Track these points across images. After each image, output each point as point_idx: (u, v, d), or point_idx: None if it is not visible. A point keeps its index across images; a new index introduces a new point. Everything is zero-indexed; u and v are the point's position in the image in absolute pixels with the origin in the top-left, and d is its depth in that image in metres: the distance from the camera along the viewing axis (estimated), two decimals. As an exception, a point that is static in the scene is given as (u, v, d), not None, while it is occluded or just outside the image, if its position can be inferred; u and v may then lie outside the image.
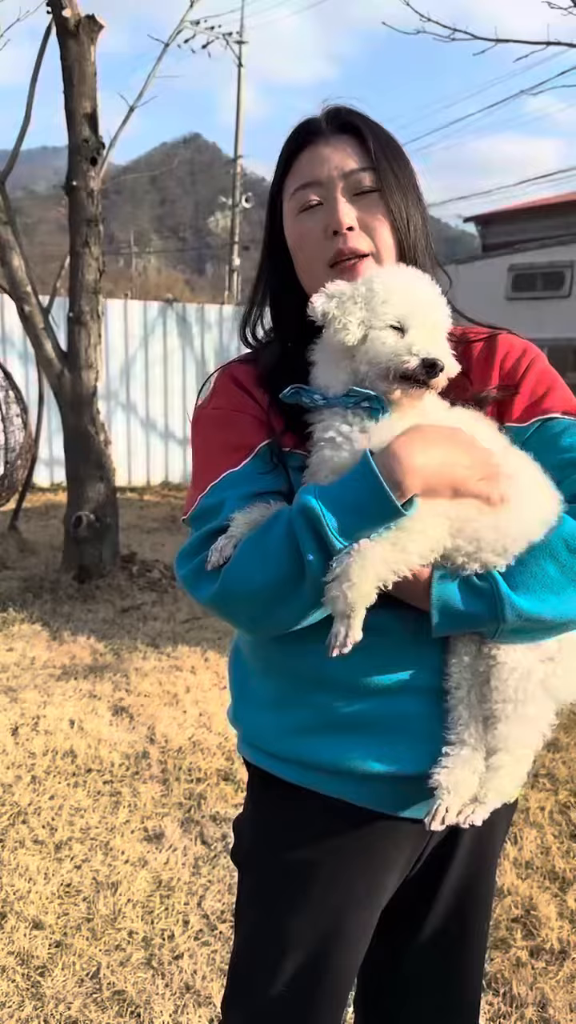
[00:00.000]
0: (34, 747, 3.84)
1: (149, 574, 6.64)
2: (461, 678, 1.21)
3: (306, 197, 1.27)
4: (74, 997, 2.37)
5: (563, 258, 5.77)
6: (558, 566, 1.14)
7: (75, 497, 6.46)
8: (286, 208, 1.31)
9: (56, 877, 2.90)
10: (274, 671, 1.32)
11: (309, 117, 1.32)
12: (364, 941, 1.36)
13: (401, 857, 1.33)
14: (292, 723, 1.28)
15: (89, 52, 5.91)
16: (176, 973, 2.46)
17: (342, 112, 1.30)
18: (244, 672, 1.40)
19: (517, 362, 1.31)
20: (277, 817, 1.35)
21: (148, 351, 11.40)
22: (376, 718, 1.24)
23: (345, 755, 1.24)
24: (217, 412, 1.32)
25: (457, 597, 1.14)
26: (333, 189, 1.26)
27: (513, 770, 1.21)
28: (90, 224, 6.13)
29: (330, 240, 1.25)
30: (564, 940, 2.62)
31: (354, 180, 1.26)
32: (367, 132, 1.28)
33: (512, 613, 1.13)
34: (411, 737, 1.23)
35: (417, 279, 1.22)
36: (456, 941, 1.41)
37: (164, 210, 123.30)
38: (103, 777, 3.59)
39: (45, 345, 6.28)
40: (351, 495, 1.10)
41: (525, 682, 1.18)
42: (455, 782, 1.18)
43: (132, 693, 4.48)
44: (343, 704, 1.24)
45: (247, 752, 1.40)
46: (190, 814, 3.31)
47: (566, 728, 4.09)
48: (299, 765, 1.29)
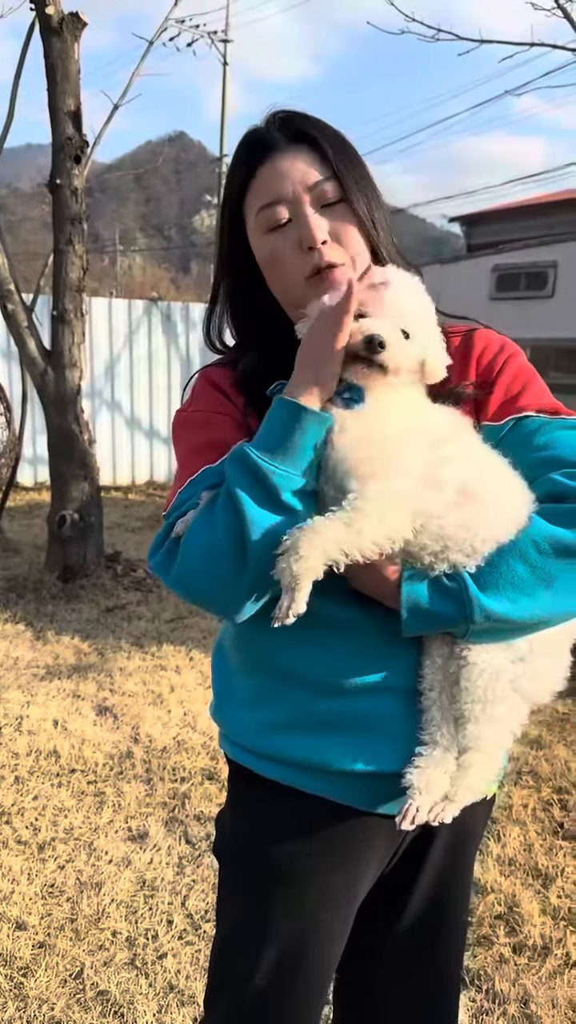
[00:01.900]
0: (17, 747, 3.82)
1: (134, 573, 6.62)
2: (434, 679, 1.22)
3: (274, 216, 1.26)
4: (57, 998, 2.36)
5: (546, 258, 5.79)
6: (528, 566, 1.13)
7: (59, 496, 6.43)
8: (251, 225, 1.30)
9: (39, 877, 2.89)
10: (255, 668, 1.33)
11: (258, 127, 1.30)
12: (342, 935, 1.37)
13: (377, 852, 1.34)
14: (270, 720, 1.30)
15: (73, 49, 5.88)
16: (160, 973, 2.46)
17: (294, 121, 1.28)
18: (226, 669, 1.41)
19: (494, 359, 1.30)
20: (255, 813, 1.36)
21: (133, 350, 11.36)
22: (352, 717, 1.25)
23: (321, 753, 1.26)
24: (196, 414, 1.33)
25: (426, 597, 1.15)
26: (300, 204, 1.25)
27: (484, 767, 1.22)
28: (74, 222, 6.10)
29: (305, 255, 1.25)
30: (547, 936, 2.64)
31: (319, 192, 1.25)
32: (323, 140, 1.26)
33: (481, 614, 1.13)
34: (387, 736, 1.24)
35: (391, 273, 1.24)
36: (434, 935, 1.42)
37: (149, 208, 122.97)
38: (87, 777, 3.58)
39: (28, 343, 6.25)
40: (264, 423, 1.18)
41: (494, 683, 1.18)
42: (426, 782, 1.19)
43: (116, 693, 4.46)
44: (320, 702, 1.25)
45: (227, 748, 1.41)
46: (174, 814, 3.30)
47: (548, 726, 4.12)
48: (277, 762, 1.30)
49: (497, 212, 16.76)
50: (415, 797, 1.18)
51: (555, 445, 1.22)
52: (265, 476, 1.13)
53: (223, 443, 1.24)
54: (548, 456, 1.21)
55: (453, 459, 1.18)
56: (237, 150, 1.31)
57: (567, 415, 1.27)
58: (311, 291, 1.25)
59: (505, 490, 1.19)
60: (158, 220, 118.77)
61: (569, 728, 4.12)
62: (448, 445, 1.19)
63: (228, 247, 1.35)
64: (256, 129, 1.30)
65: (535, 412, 1.26)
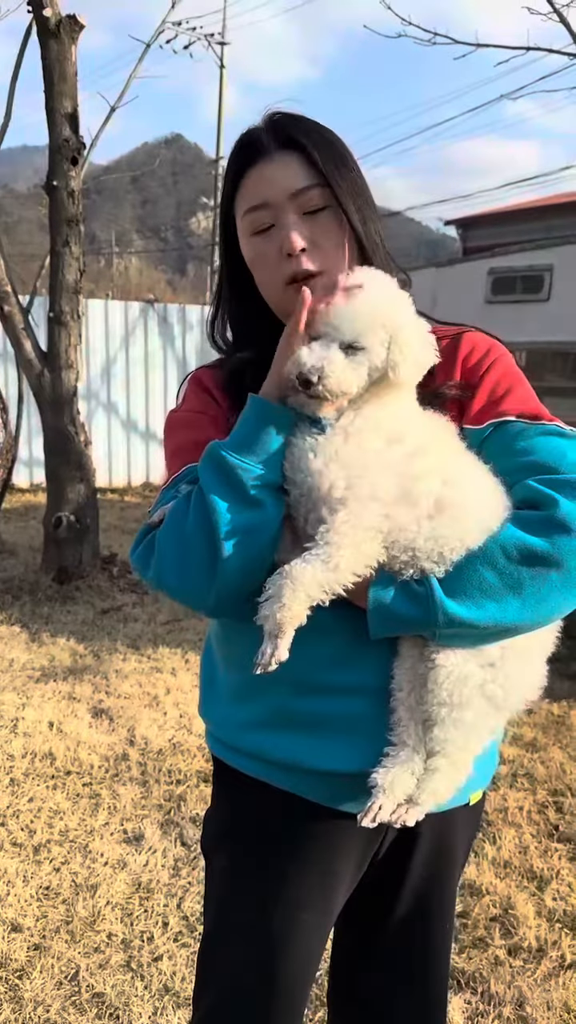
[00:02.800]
0: (13, 749, 3.81)
1: (129, 575, 6.61)
2: (402, 679, 1.22)
3: (258, 220, 1.28)
4: (53, 1000, 2.36)
5: (542, 262, 5.80)
6: (496, 573, 1.13)
7: (55, 498, 6.43)
8: (239, 227, 1.32)
9: (35, 880, 2.89)
10: (236, 665, 1.34)
11: (252, 129, 1.30)
12: (323, 931, 1.38)
13: (354, 853, 1.35)
14: (250, 717, 1.32)
15: (70, 52, 5.89)
16: (155, 975, 2.46)
17: (284, 126, 1.28)
18: (213, 666, 1.44)
19: (480, 361, 1.30)
20: (236, 809, 1.39)
21: (129, 351, 11.36)
22: (328, 716, 1.26)
23: (298, 751, 1.28)
24: (182, 415, 1.36)
25: (392, 601, 1.16)
26: (283, 211, 1.26)
27: (449, 774, 1.21)
28: (71, 224, 6.10)
29: (285, 261, 1.26)
30: (542, 939, 2.64)
31: (303, 199, 1.25)
32: (311, 147, 1.25)
33: (445, 618, 1.13)
34: (361, 736, 1.25)
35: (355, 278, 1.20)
36: (420, 939, 1.42)
37: (145, 210, 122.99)
38: (82, 779, 3.58)
39: (25, 345, 6.25)
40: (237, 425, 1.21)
41: (461, 686, 1.18)
42: (391, 781, 1.19)
43: (112, 695, 4.46)
44: (296, 701, 1.27)
45: (212, 744, 1.44)
46: (170, 816, 3.30)
47: (544, 728, 4.12)
48: (256, 759, 1.33)
49: (493, 215, 16.78)
50: (379, 796, 1.19)
51: (534, 451, 1.21)
52: (231, 470, 1.16)
53: (206, 443, 1.25)
54: (527, 462, 1.21)
55: (430, 472, 1.17)
56: (231, 150, 1.32)
57: (548, 421, 1.26)
58: (290, 297, 1.26)
59: (479, 498, 1.18)
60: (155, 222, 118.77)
61: (564, 730, 4.13)
62: (427, 456, 1.18)
63: (223, 246, 1.37)
64: (250, 131, 1.30)
65: (516, 417, 1.25)
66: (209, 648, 1.46)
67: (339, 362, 1.15)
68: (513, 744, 3.92)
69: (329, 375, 1.14)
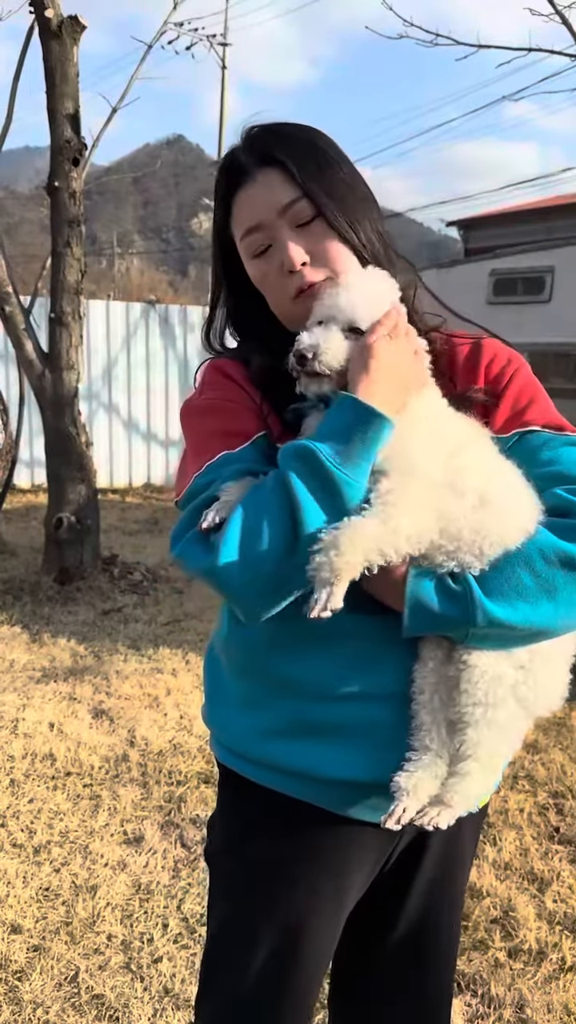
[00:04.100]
0: (13, 750, 3.81)
1: (130, 576, 6.61)
2: (424, 683, 1.21)
3: (255, 243, 1.28)
4: (52, 1001, 2.36)
5: (544, 263, 5.80)
6: (532, 575, 1.14)
7: (56, 499, 6.43)
8: (240, 250, 1.32)
9: (35, 881, 2.89)
10: (247, 672, 1.33)
11: (232, 150, 1.31)
12: (331, 940, 1.37)
13: (368, 859, 1.34)
14: (262, 725, 1.30)
15: (71, 52, 5.89)
16: (155, 976, 2.46)
17: (261, 142, 1.27)
18: (218, 672, 1.41)
19: (502, 370, 1.31)
20: (245, 817, 1.37)
21: (130, 352, 11.36)
22: (345, 724, 1.24)
23: (313, 760, 1.25)
24: (211, 401, 1.31)
25: (431, 597, 1.15)
26: (275, 229, 1.25)
27: (480, 777, 1.21)
28: (72, 225, 6.10)
29: (288, 277, 1.26)
30: (542, 941, 2.63)
31: (292, 213, 1.25)
32: (288, 161, 1.24)
33: (483, 618, 1.13)
34: (379, 743, 1.23)
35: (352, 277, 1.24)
36: (426, 943, 1.42)
37: (147, 211, 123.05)
38: (83, 780, 3.57)
39: (26, 346, 6.25)
40: (334, 421, 1.14)
41: (496, 686, 1.18)
42: (414, 784, 1.19)
43: (112, 696, 4.46)
44: (311, 708, 1.25)
45: (218, 752, 1.41)
46: (170, 817, 3.30)
47: (544, 730, 4.12)
48: (267, 767, 1.30)
49: (494, 217, 16.78)
50: (403, 798, 1.19)
51: (559, 461, 1.23)
52: (337, 485, 1.11)
53: (241, 431, 1.24)
54: (553, 472, 1.22)
55: (473, 467, 1.19)
56: (217, 174, 1.33)
57: (571, 432, 1.28)
58: (299, 309, 1.26)
59: (518, 499, 1.20)
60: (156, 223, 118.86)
61: (565, 732, 4.12)
62: (467, 454, 1.20)
63: (220, 265, 1.37)
64: (230, 152, 1.31)
65: (541, 427, 1.27)
66: (213, 656, 1.44)
67: (336, 339, 1.18)
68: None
69: (325, 351, 1.17)
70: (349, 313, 1.20)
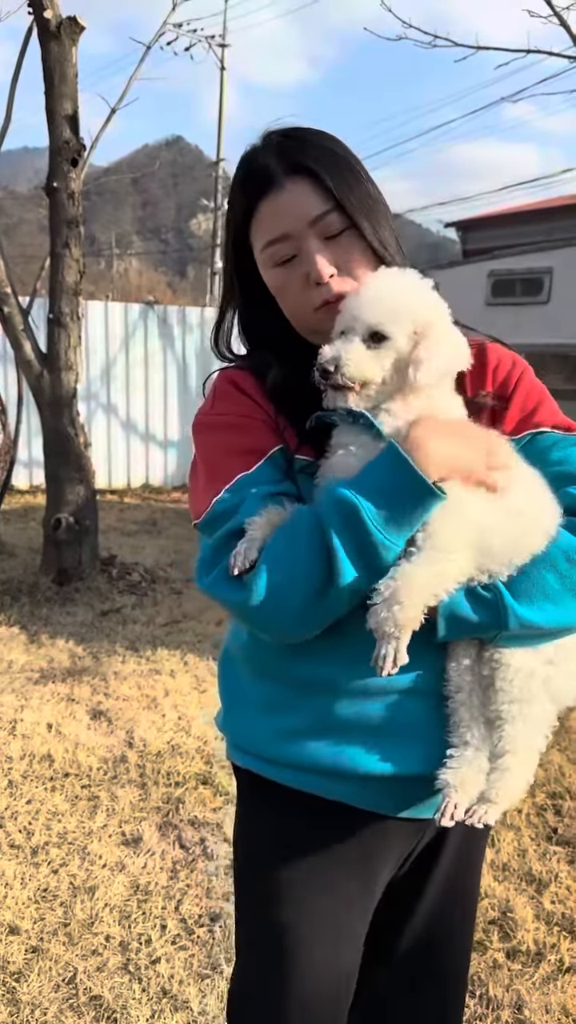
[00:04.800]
0: (11, 751, 3.81)
1: (129, 577, 6.61)
2: (461, 681, 1.23)
3: (279, 252, 1.26)
4: (50, 1003, 2.36)
5: (542, 264, 5.81)
6: (558, 576, 1.17)
7: (54, 499, 6.42)
8: (259, 257, 1.30)
9: (33, 882, 2.88)
10: (269, 675, 1.31)
11: (255, 154, 1.28)
12: (360, 941, 1.38)
13: (392, 856, 1.35)
14: (288, 726, 1.28)
15: (70, 53, 5.89)
16: (153, 978, 2.45)
17: (290, 151, 1.25)
18: (236, 677, 1.39)
19: (508, 374, 1.32)
20: (271, 821, 1.35)
21: (129, 353, 11.36)
22: (374, 720, 1.25)
23: (344, 756, 1.25)
24: (224, 417, 1.29)
25: (463, 606, 1.17)
26: (304, 240, 1.24)
27: (520, 772, 1.23)
28: (71, 225, 6.10)
29: (314, 289, 1.25)
30: (540, 942, 2.64)
31: (322, 225, 1.24)
32: (321, 172, 1.23)
33: (515, 622, 1.16)
34: (409, 738, 1.25)
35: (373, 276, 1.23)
36: (443, 938, 1.42)
37: (146, 212, 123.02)
38: (81, 781, 3.57)
39: (24, 346, 6.25)
40: (385, 480, 1.11)
41: (529, 682, 1.21)
42: (461, 780, 1.20)
43: (111, 697, 4.46)
44: (341, 706, 1.25)
45: (238, 757, 1.39)
46: (168, 818, 3.29)
47: (543, 731, 4.12)
48: (295, 768, 1.29)
49: (493, 218, 16.78)
50: (452, 794, 1.20)
51: (570, 461, 1.26)
52: (376, 548, 1.10)
53: (257, 449, 1.24)
54: (564, 471, 1.25)
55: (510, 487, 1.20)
56: (237, 176, 1.30)
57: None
58: (322, 320, 1.25)
59: (542, 504, 1.22)
60: (155, 224, 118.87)
61: (563, 734, 4.12)
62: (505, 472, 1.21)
63: (234, 270, 1.35)
64: (254, 156, 1.28)
65: (551, 428, 1.29)
66: (229, 659, 1.42)
67: (357, 350, 1.17)
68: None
69: (347, 362, 1.16)
70: (368, 319, 1.18)
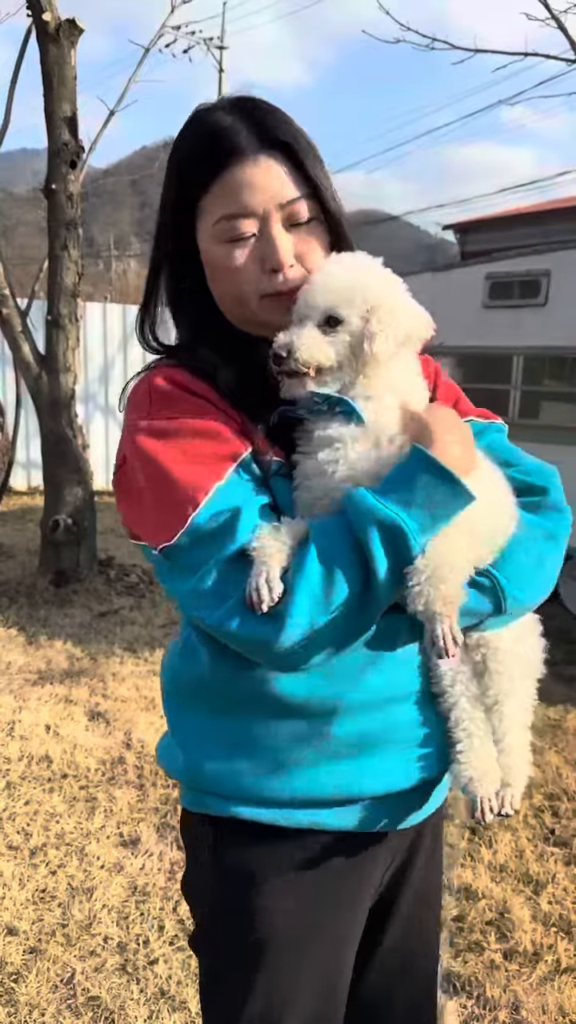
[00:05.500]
0: (9, 752, 3.81)
1: (127, 578, 6.61)
2: (455, 674, 1.21)
3: (237, 228, 1.14)
4: (48, 1003, 2.36)
5: (540, 266, 5.81)
6: (527, 554, 1.20)
7: (52, 501, 6.43)
8: (207, 229, 1.17)
9: (31, 883, 2.89)
10: (250, 705, 1.18)
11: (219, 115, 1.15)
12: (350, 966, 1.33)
13: (377, 873, 1.31)
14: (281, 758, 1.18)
15: (69, 55, 5.90)
16: (151, 979, 2.46)
17: (265, 123, 1.15)
18: (196, 715, 1.26)
19: (432, 370, 1.35)
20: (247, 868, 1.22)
21: (127, 354, 11.36)
22: (375, 735, 1.19)
23: (351, 779, 1.18)
24: (178, 422, 1.14)
25: (473, 597, 1.13)
26: (269, 222, 1.14)
27: (524, 749, 1.25)
28: (69, 227, 6.11)
29: (267, 275, 1.16)
30: (537, 943, 2.64)
31: (291, 210, 1.15)
32: (300, 152, 1.14)
33: (514, 603, 1.16)
34: (412, 746, 1.21)
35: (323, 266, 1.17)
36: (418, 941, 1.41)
37: (144, 214, 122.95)
38: (79, 782, 3.57)
39: (23, 348, 6.25)
40: (427, 494, 1.05)
41: (516, 660, 1.24)
42: (481, 773, 1.19)
43: (109, 698, 4.46)
44: (340, 726, 1.17)
45: (213, 805, 1.23)
46: (166, 819, 3.30)
47: (540, 732, 4.12)
48: (287, 806, 1.18)
49: (491, 220, 16.80)
50: (480, 790, 1.18)
51: (496, 448, 1.30)
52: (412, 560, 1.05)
53: (227, 455, 1.12)
54: (497, 457, 1.28)
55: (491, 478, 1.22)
56: (197, 130, 1.16)
57: (495, 419, 1.36)
58: (265, 309, 1.18)
59: (505, 488, 1.25)
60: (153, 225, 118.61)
61: (560, 734, 4.13)
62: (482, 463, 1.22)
63: (178, 247, 1.22)
64: (219, 117, 1.15)
65: (476, 417, 1.33)
66: (184, 697, 1.29)
67: (310, 335, 1.13)
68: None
69: (299, 347, 1.12)
70: (322, 304, 1.13)
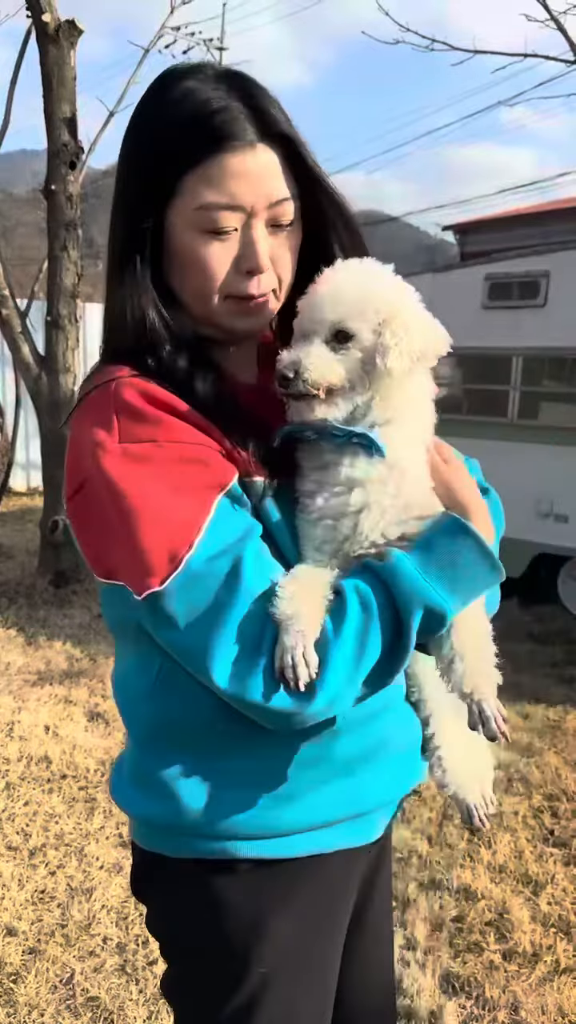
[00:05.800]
0: (8, 753, 3.81)
1: (126, 579, 6.61)
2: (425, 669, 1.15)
3: (219, 221, 1.04)
4: (47, 1004, 2.36)
5: (539, 267, 5.81)
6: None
7: (52, 501, 6.43)
8: (186, 214, 1.06)
9: (30, 884, 2.89)
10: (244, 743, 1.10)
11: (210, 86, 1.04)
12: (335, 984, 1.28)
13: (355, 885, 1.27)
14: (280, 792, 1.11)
15: (69, 56, 5.90)
16: (150, 979, 2.46)
17: (265, 109, 1.05)
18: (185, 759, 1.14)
19: None
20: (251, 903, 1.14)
21: (126, 355, 11.35)
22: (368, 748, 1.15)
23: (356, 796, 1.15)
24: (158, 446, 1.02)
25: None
26: (255, 220, 1.06)
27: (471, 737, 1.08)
28: (68, 228, 6.11)
29: (239, 275, 1.07)
30: (536, 943, 2.64)
31: (278, 211, 1.07)
32: (300, 147, 1.07)
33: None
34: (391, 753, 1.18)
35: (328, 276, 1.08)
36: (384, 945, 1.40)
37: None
38: (78, 783, 3.57)
39: (22, 348, 6.25)
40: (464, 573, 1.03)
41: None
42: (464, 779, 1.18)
43: (108, 699, 4.45)
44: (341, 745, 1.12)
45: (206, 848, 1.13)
46: (165, 820, 3.29)
47: (539, 733, 4.13)
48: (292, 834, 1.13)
49: (490, 221, 16.81)
50: (469, 795, 1.17)
51: None
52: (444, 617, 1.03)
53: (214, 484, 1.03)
54: None
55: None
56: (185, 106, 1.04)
57: None
58: (228, 312, 1.10)
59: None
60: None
61: (559, 735, 4.13)
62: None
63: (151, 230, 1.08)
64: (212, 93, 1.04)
65: None
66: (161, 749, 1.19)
67: (318, 352, 1.03)
68: (508, 749, 3.92)
69: (308, 367, 1.02)
70: (330, 318, 1.04)
